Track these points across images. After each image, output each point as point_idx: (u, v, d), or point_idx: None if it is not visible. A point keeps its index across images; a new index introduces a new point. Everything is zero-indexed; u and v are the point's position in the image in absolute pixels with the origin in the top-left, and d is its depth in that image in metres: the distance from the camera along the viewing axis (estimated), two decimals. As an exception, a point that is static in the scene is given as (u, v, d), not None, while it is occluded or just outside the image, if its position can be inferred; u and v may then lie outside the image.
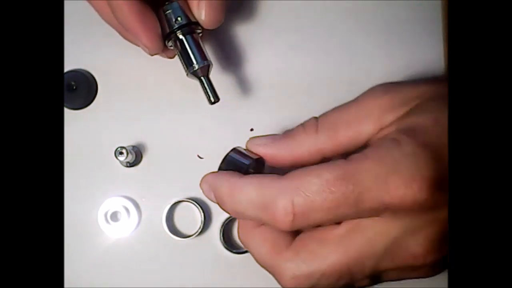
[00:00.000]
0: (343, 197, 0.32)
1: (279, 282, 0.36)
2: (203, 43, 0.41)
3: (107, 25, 0.46)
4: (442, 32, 0.48)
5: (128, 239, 0.45)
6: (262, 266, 0.37)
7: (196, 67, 0.39)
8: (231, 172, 0.36)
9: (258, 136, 0.38)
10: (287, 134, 0.38)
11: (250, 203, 0.34)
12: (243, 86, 0.46)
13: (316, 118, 0.38)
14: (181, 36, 0.40)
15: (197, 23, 0.40)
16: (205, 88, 0.40)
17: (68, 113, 0.45)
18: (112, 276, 0.44)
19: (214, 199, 0.37)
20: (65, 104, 0.45)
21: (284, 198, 0.33)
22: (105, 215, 0.44)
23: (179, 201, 0.45)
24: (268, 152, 0.37)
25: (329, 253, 0.34)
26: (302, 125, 0.38)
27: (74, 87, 0.45)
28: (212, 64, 0.40)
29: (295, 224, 0.33)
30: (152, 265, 0.44)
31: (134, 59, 0.46)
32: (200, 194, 0.45)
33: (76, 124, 0.45)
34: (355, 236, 0.34)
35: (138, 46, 0.41)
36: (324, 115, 0.38)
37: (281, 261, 0.35)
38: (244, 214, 0.35)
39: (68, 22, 0.44)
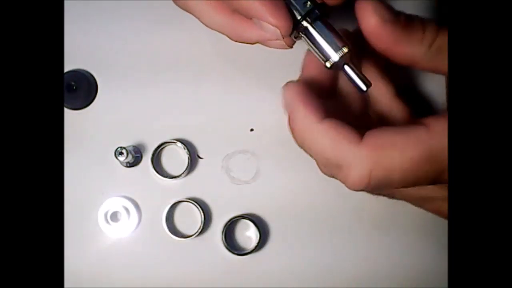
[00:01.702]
0: (424, 175, 0.31)
1: (345, 182, 0.33)
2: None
3: (107, 25, 0.46)
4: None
5: (128, 239, 0.45)
6: (323, 166, 0.34)
7: (336, 58, 0.33)
8: (313, 104, 0.33)
9: (373, 3, 0.32)
10: (407, 23, 0.33)
11: (323, 155, 0.32)
12: (243, 86, 0.46)
13: (437, 28, 0.33)
14: (305, 24, 0.34)
15: (322, 5, 0.34)
16: (351, 77, 0.34)
17: (68, 113, 0.45)
18: (112, 276, 0.44)
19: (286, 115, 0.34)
20: (65, 104, 0.45)
21: (362, 169, 0.31)
22: (105, 215, 0.44)
23: (179, 201, 0.45)
24: (380, 28, 0.32)
25: (412, 144, 0.31)
26: (423, 26, 0.33)
27: (74, 87, 0.44)
28: (351, 48, 0.34)
29: (366, 189, 0.32)
30: (152, 266, 0.44)
31: (134, 59, 0.46)
32: (200, 194, 0.45)
33: (76, 124, 0.45)
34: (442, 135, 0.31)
35: (259, 41, 0.36)
36: (444, 33, 0.33)
37: (353, 154, 0.32)
38: (312, 154, 0.33)
39: (68, 21, 0.44)
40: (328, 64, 0.34)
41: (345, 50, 0.33)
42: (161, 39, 0.46)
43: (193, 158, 0.45)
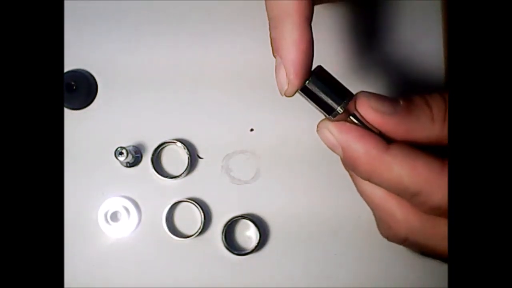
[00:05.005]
0: None
1: (422, 206, 0.31)
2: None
3: (107, 25, 0.46)
4: (442, 32, 0.48)
5: (128, 239, 0.45)
6: (397, 193, 0.32)
7: (340, 111, 0.32)
8: (369, 134, 0.31)
9: (372, 94, 0.31)
10: (410, 109, 0.31)
11: (397, 183, 0.30)
12: (243, 86, 0.46)
13: (443, 98, 0.32)
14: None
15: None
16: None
17: (68, 113, 0.45)
18: (112, 276, 0.44)
19: (339, 153, 0.32)
20: (65, 104, 0.45)
21: (444, 195, 0.29)
22: (105, 215, 0.44)
23: (179, 201, 0.45)
24: (383, 122, 0.31)
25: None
26: (428, 104, 0.32)
27: (74, 87, 0.44)
28: (353, 95, 0.32)
29: (439, 214, 0.31)
30: (152, 265, 0.44)
31: (134, 59, 0.46)
32: (200, 194, 0.45)
33: (76, 124, 0.45)
34: None
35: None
36: None
37: (435, 183, 0.30)
38: (382, 185, 0.31)
39: (68, 22, 0.44)
40: (331, 118, 0.32)
41: (347, 101, 0.31)
42: (161, 39, 0.46)
43: (193, 158, 0.45)
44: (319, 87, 0.32)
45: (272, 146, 0.46)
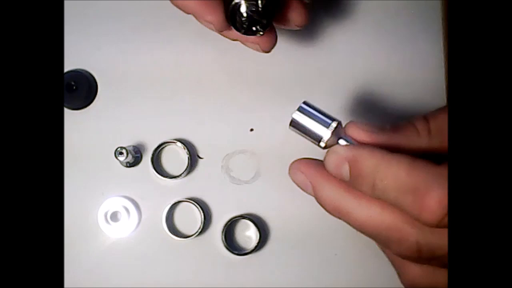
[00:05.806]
0: None
1: (422, 208, 0.30)
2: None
3: (107, 25, 0.46)
4: (442, 32, 0.48)
5: (128, 239, 0.45)
6: (395, 198, 0.31)
7: (327, 137, 0.33)
8: (372, 147, 0.32)
9: (359, 122, 0.34)
10: (397, 128, 0.34)
11: (396, 184, 0.30)
12: (243, 86, 0.46)
13: (426, 118, 0.34)
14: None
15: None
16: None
17: (68, 113, 0.45)
18: (112, 276, 0.44)
19: (346, 173, 0.32)
20: (65, 104, 0.45)
21: (442, 188, 0.29)
22: (105, 215, 0.44)
23: (179, 201, 0.45)
24: (372, 140, 0.33)
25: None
26: (412, 124, 0.34)
27: (74, 87, 0.45)
28: (340, 121, 0.33)
29: (443, 221, 0.29)
30: (152, 265, 0.44)
31: (134, 59, 0.46)
32: (200, 194, 0.45)
33: (76, 124, 0.45)
34: None
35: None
36: (434, 116, 0.34)
37: (432, 174, 0.30)
38: (383, 193, 0.31)
39: (68, 22, 0.44)
40: (322, 144, 0.33)
41: (334, 124, 0.33)
42: (161, 39, 0.46)
43: (193, 158, 0.45)
44: (307, 115, 0.33)
45: (272, 146, 0.46)
